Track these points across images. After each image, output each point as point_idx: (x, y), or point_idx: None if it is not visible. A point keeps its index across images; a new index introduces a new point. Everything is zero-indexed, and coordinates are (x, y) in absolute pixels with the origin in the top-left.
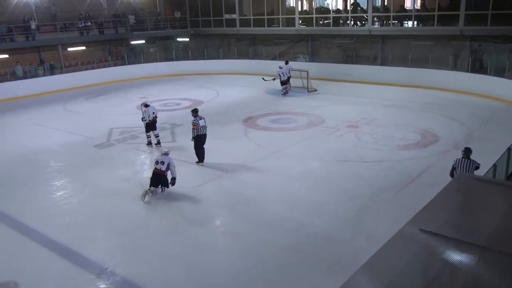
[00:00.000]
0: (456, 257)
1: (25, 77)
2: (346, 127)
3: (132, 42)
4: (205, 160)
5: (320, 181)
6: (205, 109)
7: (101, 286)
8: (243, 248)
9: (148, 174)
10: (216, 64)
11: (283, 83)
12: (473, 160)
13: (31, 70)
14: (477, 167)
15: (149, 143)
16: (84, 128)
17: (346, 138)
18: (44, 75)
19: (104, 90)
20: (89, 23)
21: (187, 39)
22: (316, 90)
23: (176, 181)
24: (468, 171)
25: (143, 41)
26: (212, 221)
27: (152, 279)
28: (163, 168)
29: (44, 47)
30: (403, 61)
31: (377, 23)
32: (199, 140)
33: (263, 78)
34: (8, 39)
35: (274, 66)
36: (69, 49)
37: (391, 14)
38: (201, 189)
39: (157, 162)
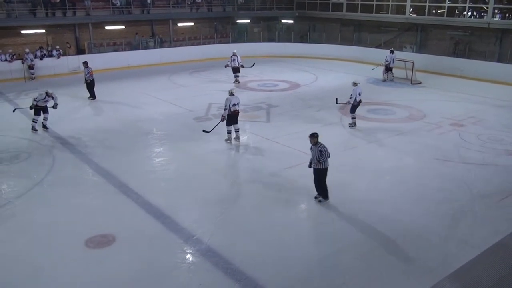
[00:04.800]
0: None
1: (137, 48)
2: (449, 125)
3: (238, 21)
4: (295, 144)
5: (414, 178)
6: (302, 93)
7: (188, 251)
8: (325, 235)
9: (241, 150)
10: (318, 48)
11: (388, 68)
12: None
13: (143, 42)
14: (320, 151)
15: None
16: (185, 100)
17: (448, 136)
18: (154, 47)
19: (207, 66)
20: (199, 0)
21: (291, 21)
22: (420, 83)
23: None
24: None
25: (248, 21)
26: (296, 204)
27: (234, 252)
28: (238, 108)
29: (157, 21)
30: None
31: (498, 16)
32: (92, 83)
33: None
34: (126, 12)
35: (378, 54)
36: (179, 24)
37: None
38: (289, 172)
39: (234, 105)
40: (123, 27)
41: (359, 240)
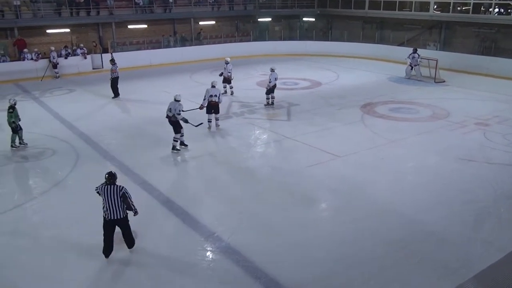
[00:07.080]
0: None
1: (158, 47)
2: (474, 124)
3: (259, 19)
4: (316, 142)
5: (437, 178)
6: (323, 91)
7: (208, 249)
8: (347, 235)
9: (261, 148)
10: (340, 46)
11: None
12: (118, 186)
13: (164, 41)
14: (124, 194)
15: None
16: None
17: (473, 135)
18: (175, 46)
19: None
20: None
21: (313, 19)
22: (444, 81)
23: (286, 159)
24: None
25: (269, 19)
26: (318, 204)
27: (254, 250)
28: (217, 99)
29: (178, 20)
30: None
31: None
32: (115, 81)
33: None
34: (148, 11)
35: (400, 52)
36: (200, 22)
37: None
38: (311, 170)
39: (211, 96)
40: (145, 26)
41: (381, 241)
